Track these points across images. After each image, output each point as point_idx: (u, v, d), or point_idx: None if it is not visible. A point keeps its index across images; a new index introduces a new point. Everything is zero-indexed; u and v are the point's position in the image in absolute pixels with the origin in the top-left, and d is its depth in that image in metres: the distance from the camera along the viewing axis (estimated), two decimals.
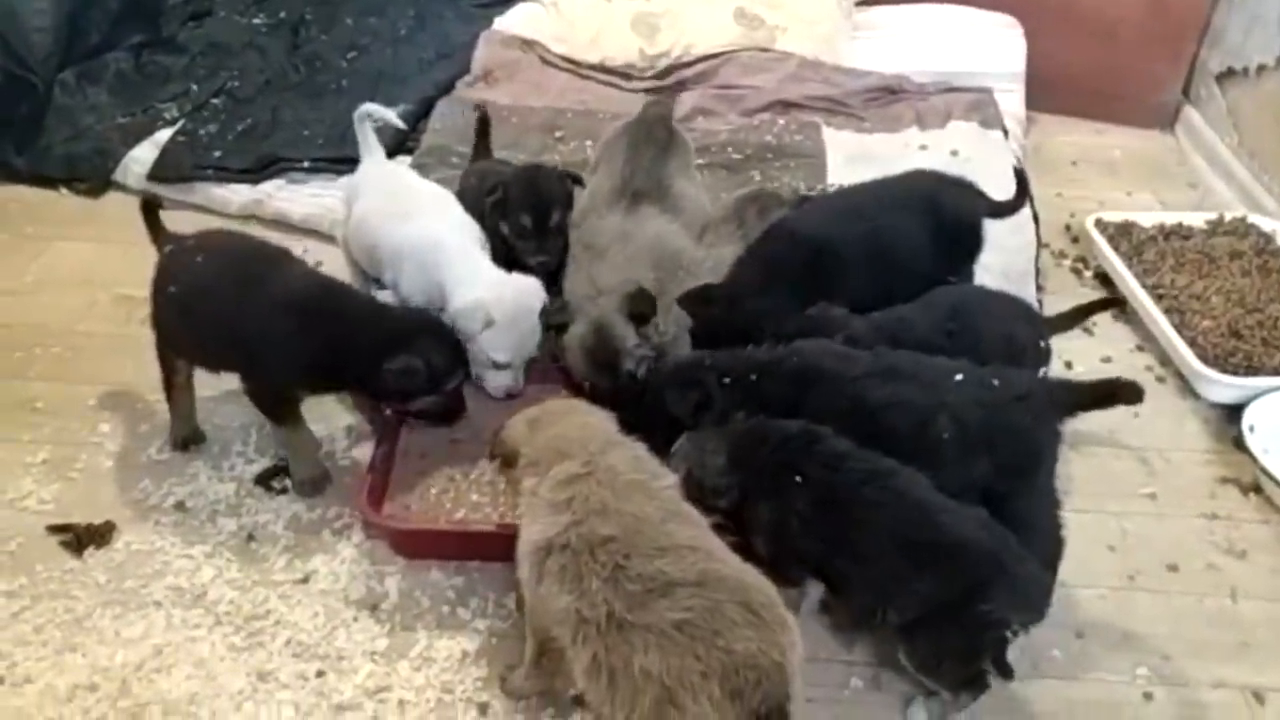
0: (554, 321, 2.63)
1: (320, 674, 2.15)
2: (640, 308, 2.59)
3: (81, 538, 2.42)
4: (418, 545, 2.41)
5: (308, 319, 2.38)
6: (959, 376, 2.22)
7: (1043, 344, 2.57)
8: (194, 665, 2.16)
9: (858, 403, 2.21)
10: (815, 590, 2.24)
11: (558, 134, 3.80)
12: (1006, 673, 2.03)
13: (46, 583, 2.33)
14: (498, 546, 2.32)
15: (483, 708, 2.10)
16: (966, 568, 1.95)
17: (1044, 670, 2.23)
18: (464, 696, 2.13)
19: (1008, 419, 2.17)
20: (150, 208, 2.65)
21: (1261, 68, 3.88)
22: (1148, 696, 2.20)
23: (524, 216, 2.78)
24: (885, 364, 2.26)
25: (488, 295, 2.55)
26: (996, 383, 2.21)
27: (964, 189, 2.86)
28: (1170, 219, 3.58)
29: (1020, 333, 2.52)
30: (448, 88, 4.11)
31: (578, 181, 2.93)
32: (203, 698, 2.10)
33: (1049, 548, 2.22)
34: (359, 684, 2.14)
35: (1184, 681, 2.23)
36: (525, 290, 2.63)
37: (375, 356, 2.35)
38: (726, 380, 2.29)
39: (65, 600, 2.29)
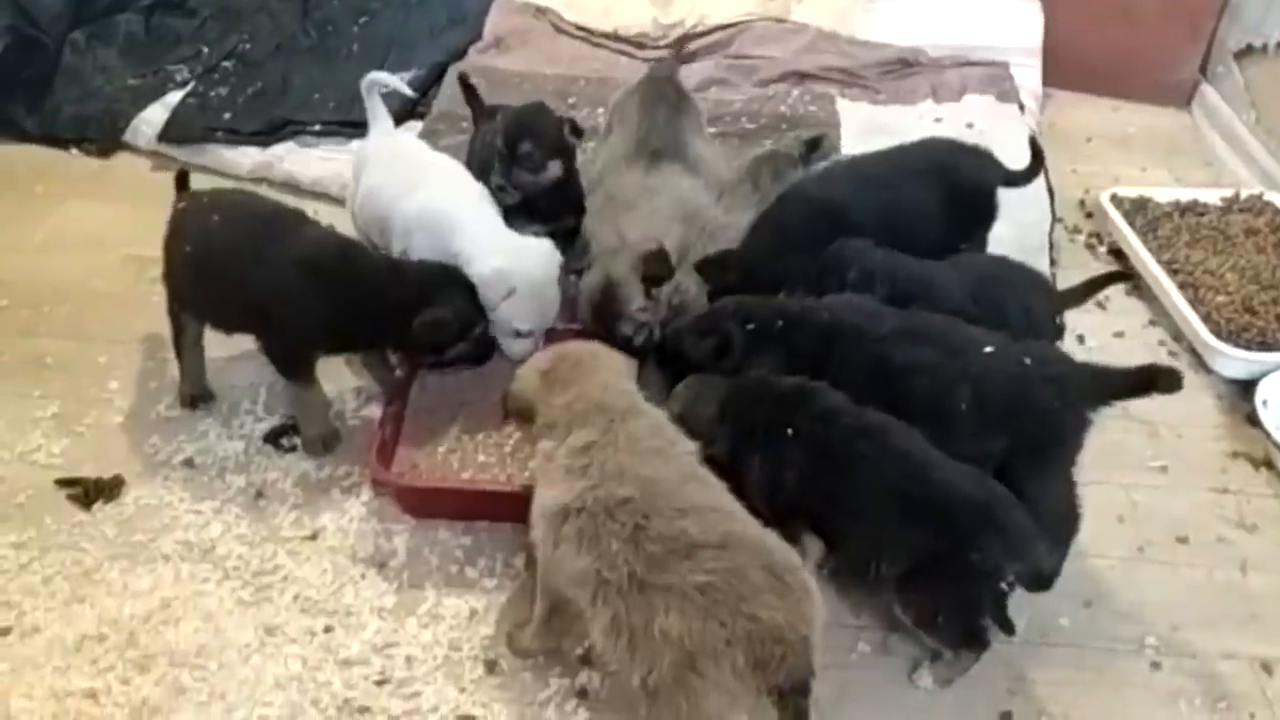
0: (575, 266, 2.65)
1: (328, 629, 2.16)
2: (656, 269, 2.58)
3: (90, 491, 2.43)
4: (426, 503, 2.41)
5: (329, 279, 2.38)
6: (989, 349, 2.19)
7: (1057, 319, 2.55)
8: (202, 618, 2.17)
9: (880, 362, 2.19)
10: (813, 551, 2.23)
11: (570, 101, 3.78)
12: (1008, 628, 2.05)
13: (55, 535, 2.34)
14: (506, 506, 2.35)
15: (490, 665, 2.11)
16: (955, 518, 1.97)
17: (1052, 639, 2.23)
18: (471, 654, 2.13)
19: (1033, 398, 2.14)
20: (183, 178, 2.66)
21: None
22: (1155, 666, 2.20)
23: (524, 144, 2.74)
24: (912, 326, 2.24)
25: (507, 264, 2.53)
26: (1029, 360, 2.18)
27: (979, 156, 2.85)
28: (1186, 195, 3.56)
29: (1037, 305, 2.50)
30: (460, 54, 4.10)
31: (577, 132, 2.90)
32: (210, 650, 2.11)
33: (1063, 526, 2.22)
34: (366, 640, 2.14)
35: (1192, 652, 2.23)
36: (543, 256, 2.61)
37: (404, 313, 2.36)
38: (750, 326, 2.28)
39: (74, 553, 2.30)
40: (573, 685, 2.08)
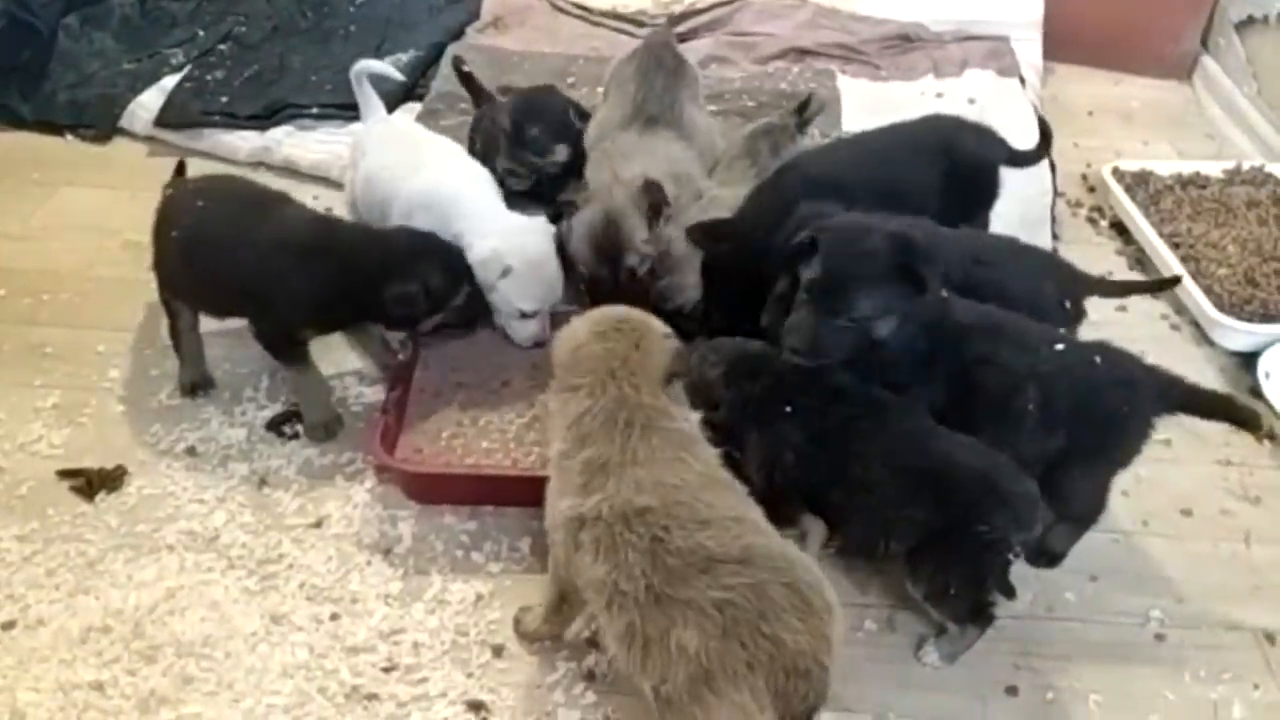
0: (567, 201, 2.63)
1: (334, 616, 2.15)
2: (655, 198, 2.57)
3: (93, 482, 2.42)
4: (431, 489, 2.40)
5: (307, 256, 2.38)
6: (1060, 346, 2.14)
7: (1067, 304, 2.44)
8: (207, 608, 2.16)
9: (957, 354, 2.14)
10: (816, 533, 2.23)
11: (569, 80, 3.75)
12: (1009, 592, 2.06)
13: (58, 526, 2.33)
14: (511, 491, 2.35)
15: (497, 650, 2.11)
16: (959, 490, 1.98)
17: (1058, 612, 2.24)
18: (478, 639, 2.13)
19: (1101, 400, 2.11)
20: (181, 168, 2.68)
21: None
22: (1160, 638, 2.21)
23: (531, 128, 2.78)
24: (992, 321, 2.17)
25: (503, 244, 2.53)
26: (1098, 360, 2.14)
27: (982, 134, 2.83)
28: (1187, 168, 3.55)
29: (1046, 290, 2.40)
30: (458, 34, 4.07)
31: (583, 115, 2.89)
32: (216, 639, 2.10)
33: (1089, 516, 2.26)
34: (373, 626, 2.14)
35: (1196, 624, 2.24)
36: (540, 234, 2.60)
37: (374, 286, 2.36)
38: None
39: (77, 544, 2.29)
40: (580, 669, 2.08)
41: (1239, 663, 2.17)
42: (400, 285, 2.36)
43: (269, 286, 2.39)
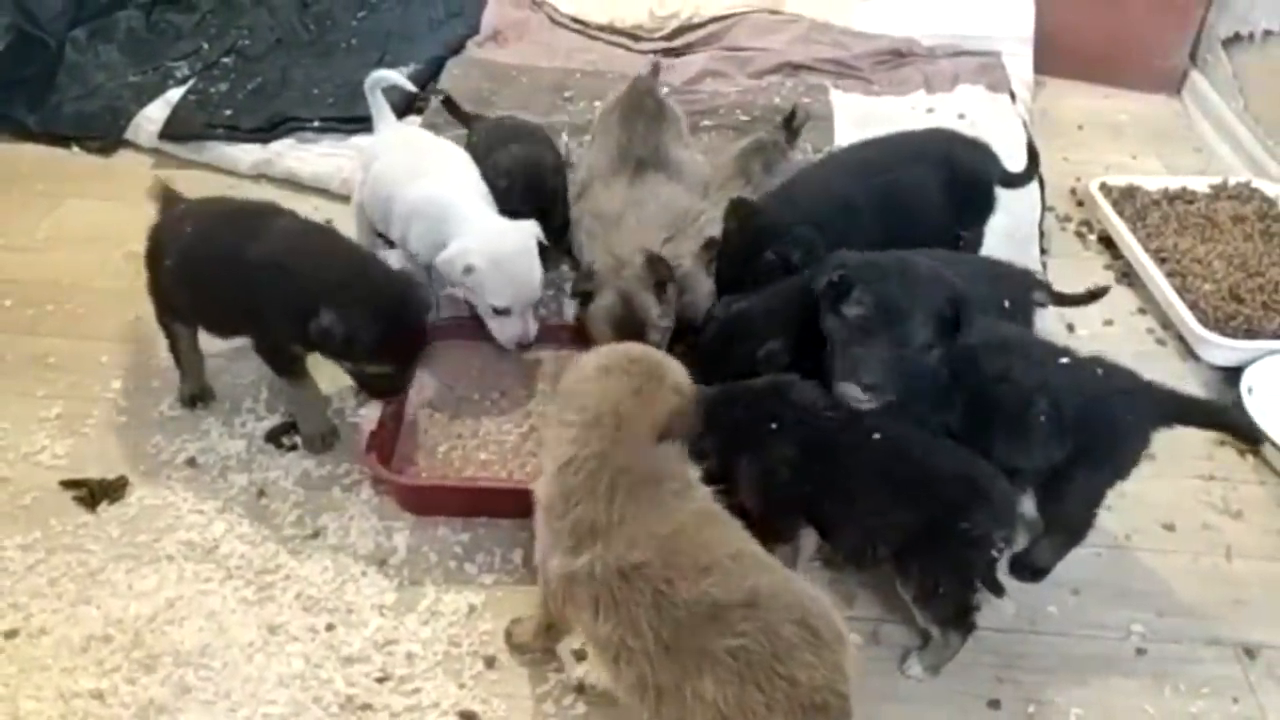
0: (579, 290, 2.69)
1: (330, 627, 2.19)
2: (660, 273, 2.64)
3: (95, 492, 2.45)
4: (425, 501, 2.44)
5: (278, 275, 2.35)
6: (1064, 360, 2.20)
7: (1006, 304, 2.47)
8: (205, 618, 2.19)
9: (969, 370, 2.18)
10: (808, 544, 2.28)
11: (566, 94, 3.82)
12: (998, 590, 2.09)
13: (60, 536, 2.36)
14: (505, 503, 2.39)
15: (489, 660, 2.14)
16: (942, 492, 2.03)
17: (1040, 627, 2.27)
18: (471, 650, 2.16)
19: (1106, 413, 2.15)
20: (169, 198, 2.67)
21: (1268, 33, 3.89)
22: (1140, 652, 2.24)
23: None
24: (999, 338, 2.21)
25: (471, 243, 2.58)
26: (1100, 372, 2.20)
27: (979, 149, 2.89)
28: (1174, 183, 3.59)
29: (980, 293, 2.37)
30: (458, 47, 4.13)
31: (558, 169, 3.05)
32: (214, 649, 2.13)
33: (1078, 532, 2.30)
34: (367, 637, 2.17)
35: (1177, 638, 2.27)
36: (516, 233, 2.64)
37: (300, 313, 2.31)
38: None
39: (79, 554, 2.33)
40: (570, 680, 2.12)
41: (1218, 677, 2.20)
42: (323, 317, 2.28)
43: (256, 305, 2.40)
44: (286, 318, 2.36)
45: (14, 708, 2.01)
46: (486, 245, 2.58)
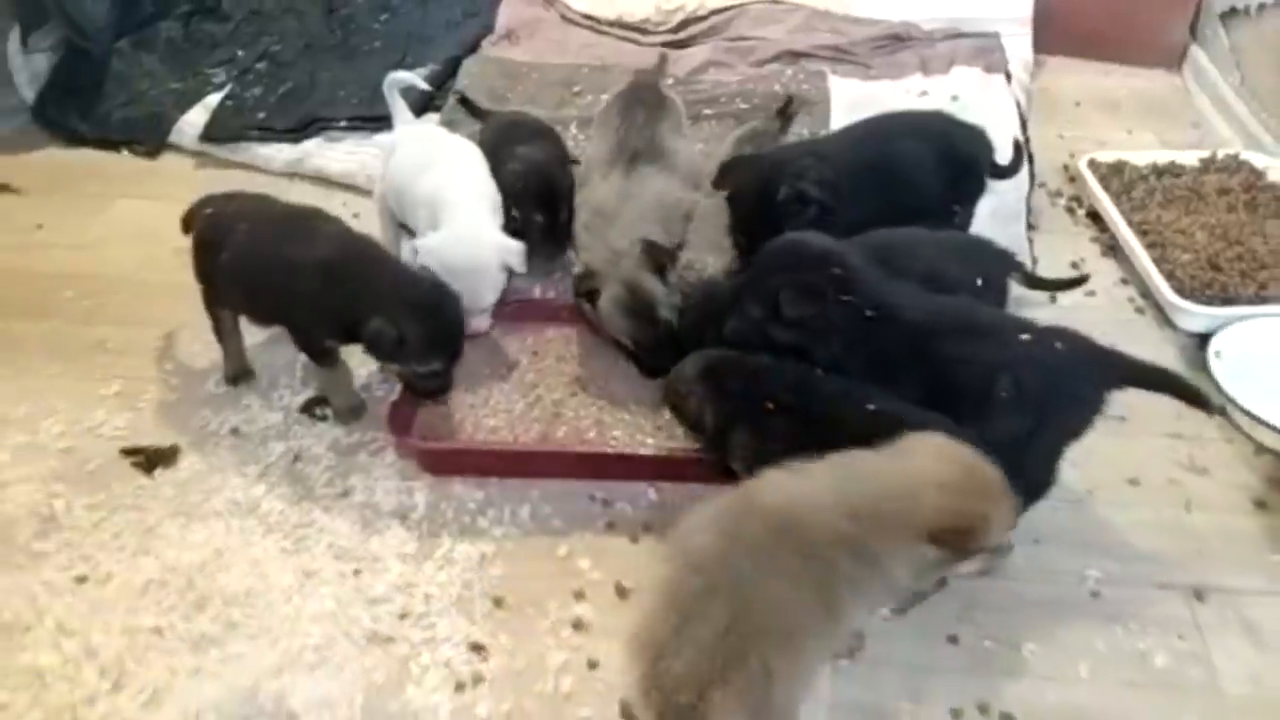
0: (583, 290, 2.80)
1: (357, 572, 2.42)
2: (658, 257, 2.75)
3: (151, 459, 2.70)
4: (443, 463, 2.67)
5: (329, 281, 2.54)
6: (1025, 336, 2.28)
7: (978, 282, 2.55)
8: (249, 565, 2.44)
9: (928, 351, 2.28)
10: None
11: (575, 89, 3.95)
12: None
13: (122, 497, 2.62)
14: (512, 463, 2.63)
15: (497, 601, 2.36)
16: None
17: (1000, 573, 2.37)
18: (481, 592, 2.38)
19: (1068, 384, 2.24)
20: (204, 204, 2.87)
21: (1262, 6, 3.91)
22: (1095, 595, 2.35)
23: (536, 214, 2.98)
24: (961, 320, 2.31)
25: (434, 240, 2.73)
26: (1060, 345, 2.27)
27: (974, 132, 2.99)
28: (1164, 157, 3.65)
29: (950, 271, 2.52)
30: (473, 47, 4.28)
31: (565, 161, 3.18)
32: (257, 591, 2.38)
33: (1040, 489, 2.38)
34: (390, 581, 2.40)
35: (1130, 583, 2.38)
36: (477, 245, 2.76)
37: (357, 318, 2.49)
38: (845, 298, 2.32)
39: (138, 512, 2.58)
40: (569, 617, 2.33)
41: (1167, 616, 2.30)
42: (380, 323, 2.45)
43: (298, 306, 2.62)
44: (328, 317, 2.59)
45: (86, 640, 2.28)
46: (443, 249, 2.71)
